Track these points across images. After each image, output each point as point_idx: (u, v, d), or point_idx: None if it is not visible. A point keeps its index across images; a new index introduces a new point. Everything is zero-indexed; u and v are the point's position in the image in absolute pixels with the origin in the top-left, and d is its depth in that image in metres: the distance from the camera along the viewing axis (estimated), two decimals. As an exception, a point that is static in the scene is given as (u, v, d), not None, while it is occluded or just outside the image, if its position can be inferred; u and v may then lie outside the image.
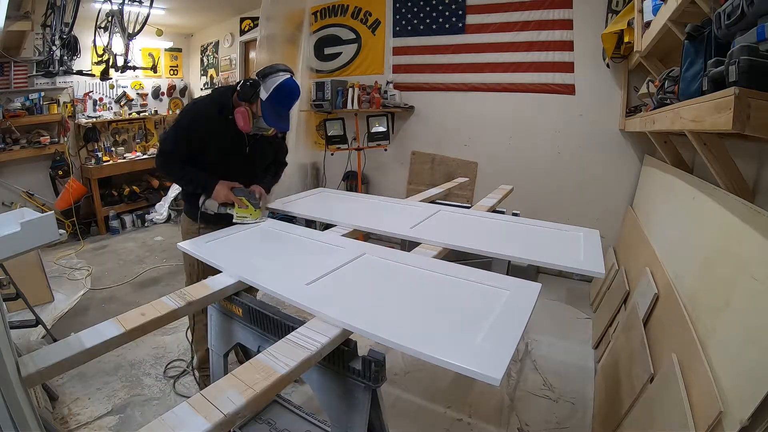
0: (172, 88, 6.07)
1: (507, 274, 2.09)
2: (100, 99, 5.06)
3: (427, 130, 4.08)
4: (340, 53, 4.53)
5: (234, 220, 1.71)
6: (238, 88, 1.62)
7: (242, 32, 5.44)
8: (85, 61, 4.64)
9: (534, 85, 3.47)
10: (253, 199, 1.74)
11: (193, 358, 1.97)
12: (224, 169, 1.73)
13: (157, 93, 5.66)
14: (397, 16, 4.07)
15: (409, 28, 4.02)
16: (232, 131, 1.67)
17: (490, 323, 0.94)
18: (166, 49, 5.97)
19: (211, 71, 6.05)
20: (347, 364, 0.97)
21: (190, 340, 1.86)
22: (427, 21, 3.89)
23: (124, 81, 5.21)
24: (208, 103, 1.69)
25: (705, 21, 1.39)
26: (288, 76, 1.59)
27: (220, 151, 1.70)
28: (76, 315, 2.85)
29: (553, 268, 1.33)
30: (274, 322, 1.11)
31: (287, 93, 1.60)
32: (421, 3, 3.89)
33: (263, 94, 1.58)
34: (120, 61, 4.00)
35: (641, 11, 2.26)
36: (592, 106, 3.26)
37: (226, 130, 1.67)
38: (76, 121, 4.80)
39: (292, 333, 0.95)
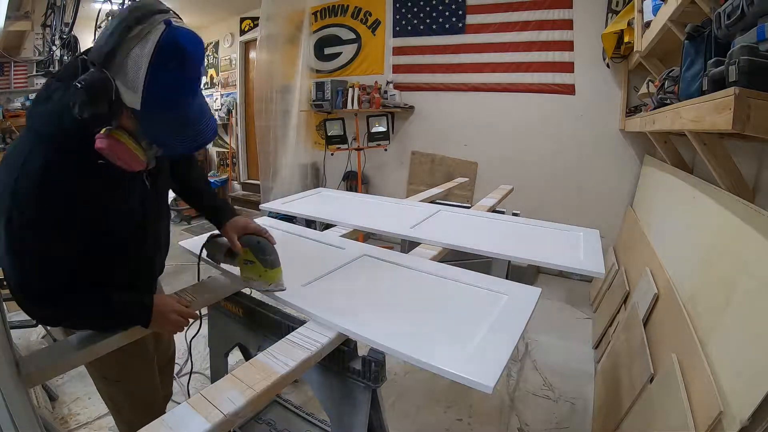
0: (172, 88, 6.06)
1: (507, 274, 2.12)
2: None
3: (427, 130, 4.08)
4: (340, 53, 4.53)
5: (242, 281, 1.15)
6: (72, 105, 0.71)
7: (242, 32, 5.44)
8: (85, 61, 4.64)
9: (534, 85, 3.47)
10: (264, 253, 1.09)
11: None
12: (140, 234, 0.98)
13: (157, 93, 5.67)
14: (397, 16, 4.07)
15: (409, 28, 4.02)
16: (113, 174, 0.82)
17: (486, 329, 0.93)
18: (166, 49, 5.97)
19: (211, 71, 6.05)
20: (347, 364, 0.97)
21: (189, 344, 1.31)
22: (427, 21, 3.89)
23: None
24: (51, 160, 0.76)
25: (705, 21, 1.39)
26: (162, 24, 0.71)
27: (114, 219, 0.89)
28: (76, 315, 2.84)
29: (553, 268, 1.33)
30: (274, 322, 1.11)
31: (179, 62, 0.73)
32: (421, 3, 3.89)
33: (130, 98, 0.72)
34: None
35: (641, 11, 2.26)
36: (592, 106, 3.26)
37: (107, 180, 0.84)
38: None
39: (292, 333, 0.95)
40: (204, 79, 6.12)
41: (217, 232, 1.17)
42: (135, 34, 0.70)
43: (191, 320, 1.01)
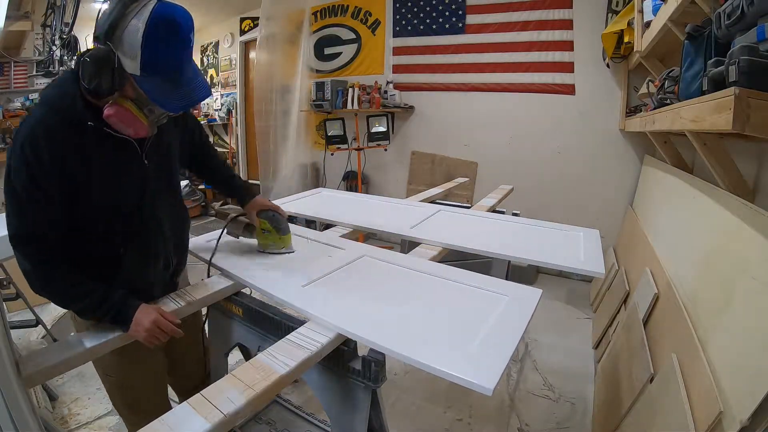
0: (172, 88, 6.06)
1: (507, 274, 2.12)
2: (100, 99, 5.07)
3: (427, 130, 4.08)
4: (340, 53, 4.53)
5: (258, 249, 1.43)
6: (81, 78, 0.85)
7: (242, 32, 5.44)
8: (85, 61, 4.64)
9: (534, 85, 3.47)
10: (276, 222, 1.39)
11: None
12: (135, 219, 1.02)
13: (157, 93, 5.67)
14: (397, 16, 4.07)
15: (409, 28, 4.02)
16: (108, 144, 0.92)
17: (486, 330, 0.92)
18: (166, 49, 5.97)
19: (211, 71, 6.05)
20: (347, 364, 0.97)
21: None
22: (427, 21, 3.89)
23: (124, 81, 5.23)
24: (46, 116, 0.88)
25: (705, 21, 1.39)
26: (154, 0, 0.83)
27: (107, 188, 0.95)
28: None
29: (553, 268, 1.33)
30: (274, 322, 1.11)
31: (170, 29, 0.84)
32: (421, 3, 3.89)
33: (130, 65, 0.83)
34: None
35: (641, 11, 2.26)
36: (592, 106, 3.26)
37: (99, 146, 0.92)
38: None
39: (292, 333, 0.95)
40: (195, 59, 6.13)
41: (235, 214, 1.45)
42: (131, 10, 0.82)
43: (169, 334, 0.98)
